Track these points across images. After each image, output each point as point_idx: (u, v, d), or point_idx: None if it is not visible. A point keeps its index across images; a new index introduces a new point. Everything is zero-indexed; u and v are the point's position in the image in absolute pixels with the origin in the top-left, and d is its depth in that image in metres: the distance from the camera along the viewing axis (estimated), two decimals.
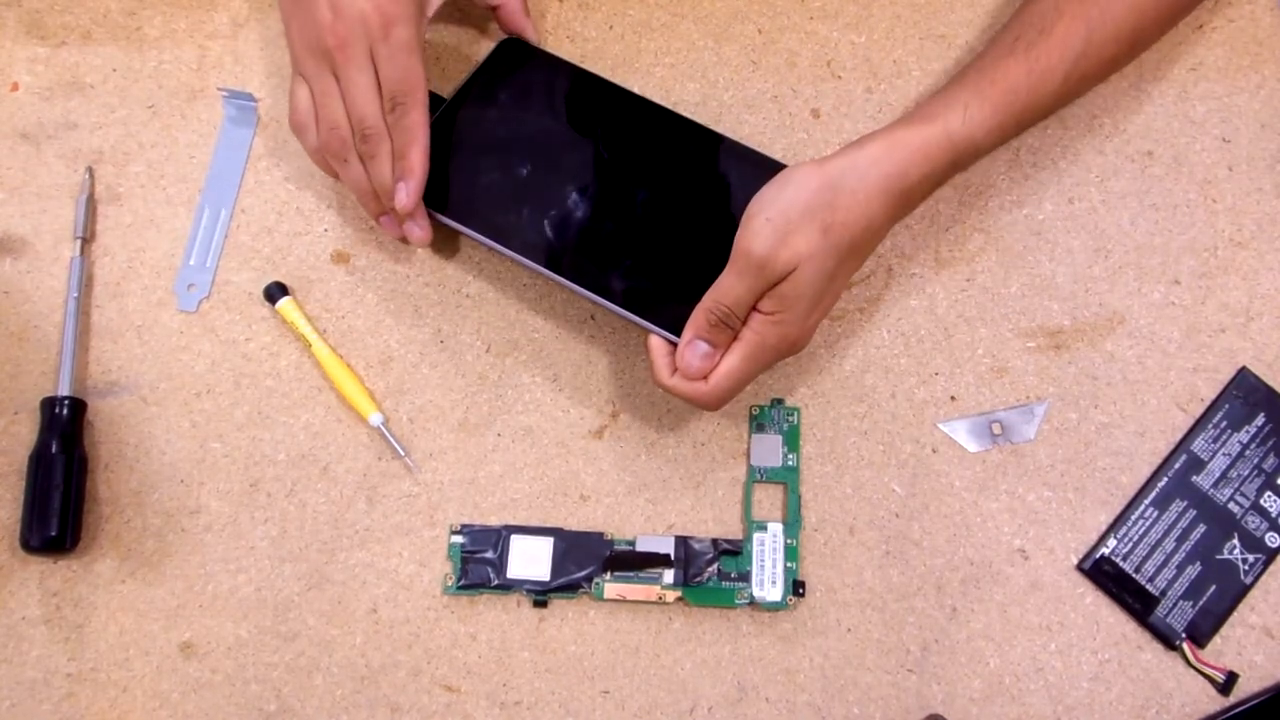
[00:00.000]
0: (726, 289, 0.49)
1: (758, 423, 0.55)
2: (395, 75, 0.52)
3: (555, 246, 0.54)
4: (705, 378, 0.50)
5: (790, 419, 0.55)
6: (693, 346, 0.50)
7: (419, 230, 0.55)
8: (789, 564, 0.53)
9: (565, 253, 0.54)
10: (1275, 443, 0.54)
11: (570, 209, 0.55)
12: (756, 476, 0.55)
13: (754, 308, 0.50)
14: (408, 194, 0.53)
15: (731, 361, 0.50)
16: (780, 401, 0.56)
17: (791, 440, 0.55)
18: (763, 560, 0.53)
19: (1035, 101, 0.53)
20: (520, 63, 0.59)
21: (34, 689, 0.52)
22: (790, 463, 0.55)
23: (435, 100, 0.58)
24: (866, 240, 0.50)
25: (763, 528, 0.53)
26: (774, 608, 0.53)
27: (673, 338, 0.52)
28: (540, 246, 0.54)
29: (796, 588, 0.53)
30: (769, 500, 0.55)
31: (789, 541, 0.53)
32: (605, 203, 0.55)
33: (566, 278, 0.53)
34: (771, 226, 0.48)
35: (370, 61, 0.52)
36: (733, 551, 0.53)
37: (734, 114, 0.60)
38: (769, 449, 0.55)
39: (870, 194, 0.49)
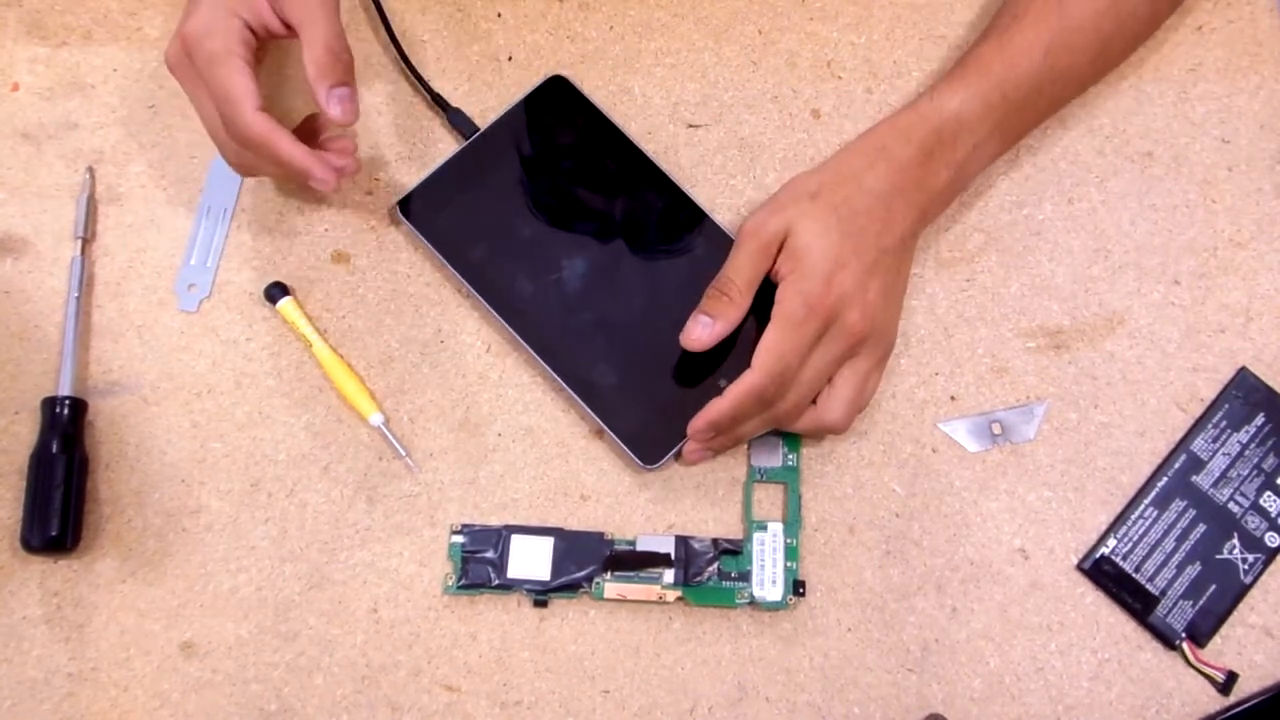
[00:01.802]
0: (727, 262, 0.52)
1: None
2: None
3: (533, 318, 0.55)
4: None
5: None
6: (695, 318, 0.52)
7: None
8: (789, 564, 0.53)
9: (540, 327, 0.55)
10: (1275, 443, 0.54)
11: (558, 285, 0.56)
12: (757, 476, 0.55)
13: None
14: (344, 110, 0.52)
15: (767, 335, 0.50)
16: None
17: (791, 441, 0.55)
18: (763, 560, 0.53)
19: (1014, 74, 0.54)
20: (560, 107, 0.59)
21: (34, 689, 0.52)
22: (790, 463, 0.55)
23: (469, 126, 0.59)
24: (860, 197, 0.52)
25: (763, 527, 0.53)
26: (774, 607, 0.53)
27: (624, 447, 0.53)
28: (518, 312, 0.55)
29: (797, 587, 0.53)
30: (769, 500, 0.55)
31: (789, 541, 0.53)
32: (593, 289, 0.56)
33: (535, 351, 0.55)
34: (766, 207, 0.53)
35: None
36: (733, 551, 0.53)
37: (734, 114, 0.60)
38: (769, 449, 0.55)
39: (846, 158, 0.53)
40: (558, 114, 0.59)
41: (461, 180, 0.57)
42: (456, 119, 0.59)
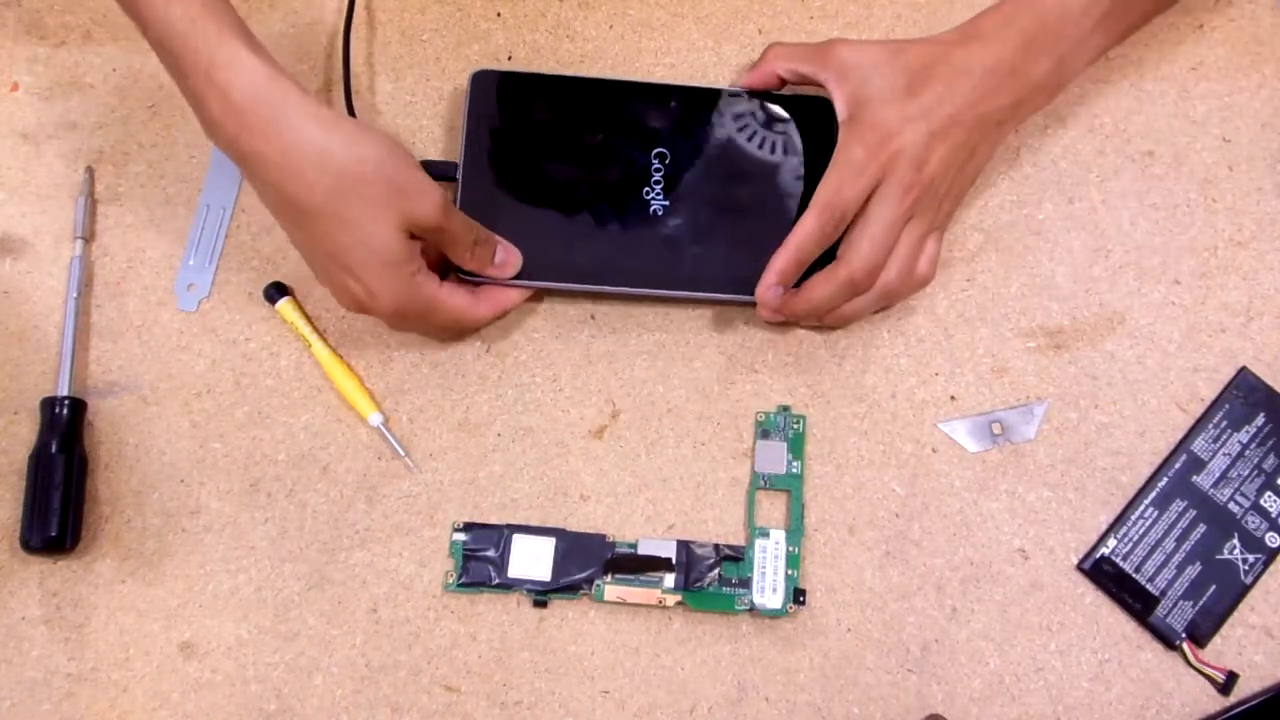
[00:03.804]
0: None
1: (763, 429, 0.55)
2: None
3: (623, 262, 0.55)
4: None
5: (796, 426, 0.55)
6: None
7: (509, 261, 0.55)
8: (790, 571, 0.53)
9: (632, 264, 0.55)
10: (1275, 443, 0.54)
11: (624, 219, 0.56)
12: (760, 483, 0.54)
13: None
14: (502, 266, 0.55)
15: (824, 177, 0.52)
16: (786, 409, 0.56)
17: (796, 447, 0.55)
18: (764, 567, 0.53)
19: None
20: (504, 91, 0.58)
21: (34, 689, 0.52)
22: (794, 470, 0.54)
23: (447, 167, 0.56)
24: (941, 67, 0.52)
25: (765, 534, 0.53)
26: (774, 615, 0.52)
27: (743, 299, 0.54)
28: (609, 269, 0.55)
29: (797, 595, 0.52)
30: (771, 505, 0.55)
31: (791, 549, 0.53)
32: (652, 199, 0.56)
33: (637, 286, 0.55)
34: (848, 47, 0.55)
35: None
36: (734, 557, 0.53)
37: None
38: (773, 456, 0.55)
39: (941, 35, 0.55)
40: (506, 100, 0.58)
41: (483, 210, 0.55)
42: (433, 169, 0.54)
